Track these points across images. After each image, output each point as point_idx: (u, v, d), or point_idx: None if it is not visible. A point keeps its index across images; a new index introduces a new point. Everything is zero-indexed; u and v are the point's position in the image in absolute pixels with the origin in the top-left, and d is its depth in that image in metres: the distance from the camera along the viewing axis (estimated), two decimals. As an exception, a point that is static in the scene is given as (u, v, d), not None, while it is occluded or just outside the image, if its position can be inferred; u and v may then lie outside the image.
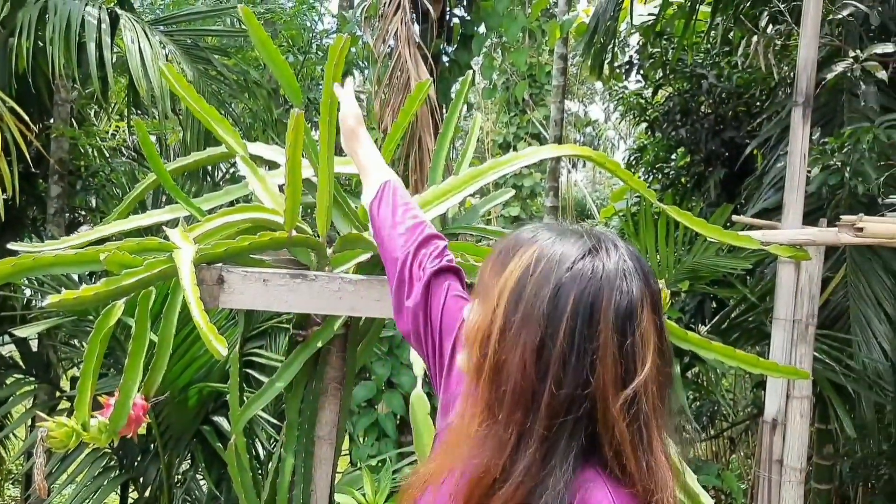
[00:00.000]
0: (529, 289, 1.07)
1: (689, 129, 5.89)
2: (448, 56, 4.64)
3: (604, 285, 1.05)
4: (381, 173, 1.75)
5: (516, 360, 1.06)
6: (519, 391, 1.06)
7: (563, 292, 1.05)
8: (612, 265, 1.07)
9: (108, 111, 6.20)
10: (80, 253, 1.93)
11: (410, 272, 1.51)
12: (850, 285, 4.37)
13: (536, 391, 1.05)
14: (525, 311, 1.06)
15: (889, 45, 3.98)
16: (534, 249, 1.11)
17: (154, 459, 3.64)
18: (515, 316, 1.07)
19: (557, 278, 1.06)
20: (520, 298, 1.07)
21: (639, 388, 1.04)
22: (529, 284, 1.07)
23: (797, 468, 3.51)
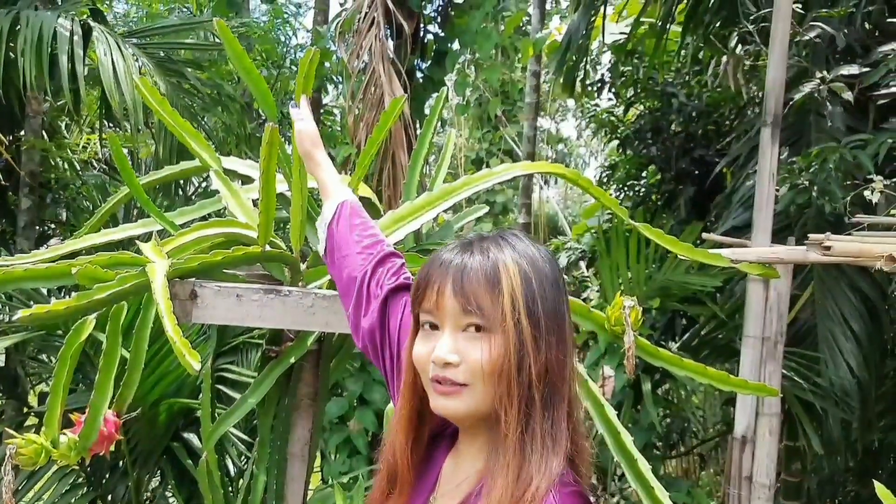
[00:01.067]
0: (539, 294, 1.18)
1: (660, 147, 5.95)
2: (422, 72, 4.66)
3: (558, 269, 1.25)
4: (338, 195, 1.75)
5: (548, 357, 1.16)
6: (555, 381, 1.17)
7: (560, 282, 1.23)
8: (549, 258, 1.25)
9: (79, 124, 6.15)
10: (51, 267, 1.92)
11: (368, 290, 1.54)
12: (817, 303, 4.42)
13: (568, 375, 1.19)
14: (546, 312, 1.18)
15: (855, 66, 4.05)
16: (513, 260, 1.20)
17: (123, 477, 3.58)
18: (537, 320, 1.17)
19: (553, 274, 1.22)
20: (534, 305, 1.17)
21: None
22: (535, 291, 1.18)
23: (766, 485, 3.55)
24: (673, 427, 6.58)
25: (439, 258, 1.23)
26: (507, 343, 1.15)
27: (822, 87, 4.05)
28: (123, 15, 7.74)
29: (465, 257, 1.20)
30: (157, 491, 3.74)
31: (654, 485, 1.75)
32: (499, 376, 1.15)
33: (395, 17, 4.33)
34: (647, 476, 1.77)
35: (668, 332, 5.60)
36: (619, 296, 2.09)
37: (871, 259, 2.15)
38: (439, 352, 1.18)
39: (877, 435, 4.79)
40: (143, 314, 2.27)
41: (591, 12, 5.75)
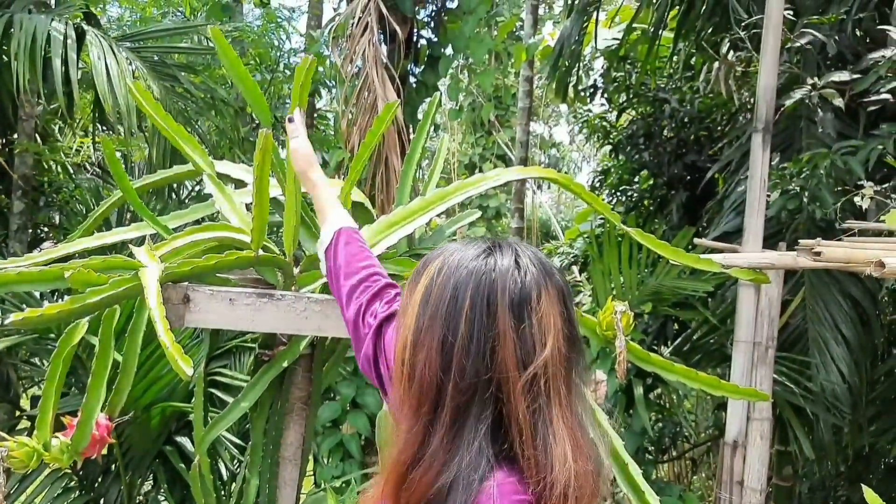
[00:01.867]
0: (434, 294, 1.18)
1: (652, 153, 5.97)
2: (415, 77, 4.67)
3: (497, 277, 1.16)
4: (335, 218, 1.76)
5: (423, 359, 1.15)
6: (426, 386, 1.15)
7: (462, 289, 1.16)
8: (507, 261, 1.19)
9: (72, 127, 6.14)
10: (44, 270, 1.92)
11: (364, 323, 1.55)
12: (808, 309, 4.44)
13: (442, 384, 1.14)
14: (430, 314, 1.17)
15: (845, 73, 4.07)
16: (438, 261, 1.22)
17: (115, 480, 3.58)
18: (423, 321, 1.17)
19: (456, 279, 1.17)
20: (426, 305, 1.18)
21: (538, 369, 1.13)
22: (434, 290, 1.18)
23: (757, 489, 3.56)
24: (665, 431, 6.60)
25: None
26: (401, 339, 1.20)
27: (812, 93, 4.07)
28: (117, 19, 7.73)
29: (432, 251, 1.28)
30: (150, 495, 3.73)
31: (645, 489, 1.76)
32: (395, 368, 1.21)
33: (388, 22, 4.34)
34: (639, 481, 1.78)
35: (660, 337, 5.62)
36: (610, 301, 2.10)
37: (860, 265, 2.16)
38: None
39: (867, 440, 4.80)
40: (135, 318, 2.27)
41: (583, 18, 5.77)
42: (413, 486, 1.13)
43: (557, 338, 1.16)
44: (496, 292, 1.16)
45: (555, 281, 1.21)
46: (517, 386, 1.12)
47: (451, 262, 1.20)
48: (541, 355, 1.14)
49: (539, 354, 1.14)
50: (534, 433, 1.12)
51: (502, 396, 1.13)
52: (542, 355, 1.14)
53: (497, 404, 1.13)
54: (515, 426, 1.12)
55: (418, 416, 1.16)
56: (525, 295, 1.16)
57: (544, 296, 1.18)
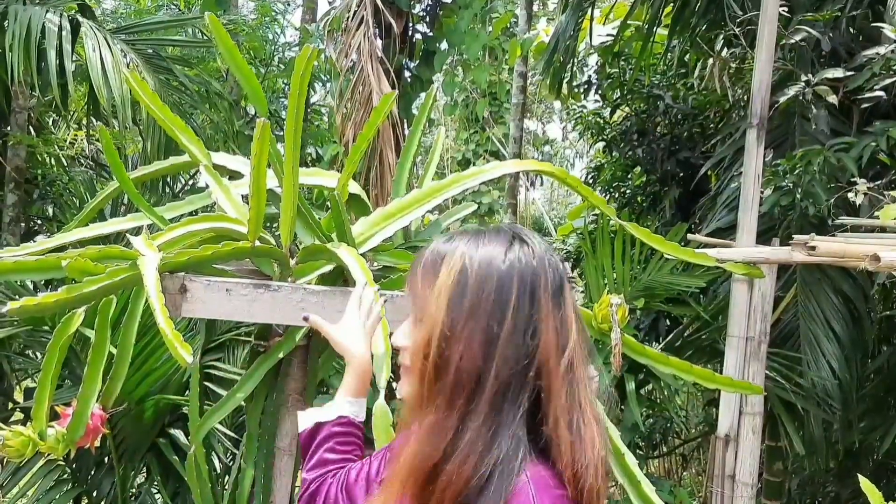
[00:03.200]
0: (472, 287, 1.15)
1: (646, 149, 5.99)
2: (410, 71, 4.68)
3: (537, 266, 1.18)
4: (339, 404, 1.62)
5: (461, 351, 1.13)
6: (464, 378, 1.13)
7: (506, 282, 1.15)
8: (538, 249, 1.20)
9: (66, 119, 6.12)
10: (40, 260, 1.92)
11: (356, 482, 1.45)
12: (800, 305, 4.46)
13: (482, 374, 1.13)
14: (470, 307, 1.14)
15: (839, 70, 4.09)
16: (461, 254, 1.18)
17: (108, 473, 3.58)
18: (460, 314, 1.14)
19: (498, 272, 1.16)
20: (462, 298, 1.15)
21: (572, 353, 1.16)
22: (471, 283, 1.15)
23: (748, 483, 3.58)
24: (656, 427, 6.63)
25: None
26: (425, 332, 1.16)
27: (806, 90, 4.09)
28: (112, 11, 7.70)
29: (437, 243, 1.23)
30: (143, 487, 3.73)
31: (641, 479, 1.77)
32: (416, 361, 1.18)
33: (383, 16, 4.34)
34: (635, 471, 1.79)
35: (651, 333, 5.64)
36: (606, 294, 2.12)
37: (855, 259, 2.18)
38: (393, 338, 1.25)
39: (857, 436, 4.83)
40: (130, 308, 2.28)
41: (578, 14, 5.78)
42: (449, 479, 1.11)
43: (580, 322, 1.20)
44: (539, 281, 1.17)
45: (565, 266, 1.27)
46: (558, 371, 1.14)
47: (483, 255, 1.18)
48: (572, 338, 1.17)
49: (571, 338, 1.17)
50: (570, 418, 1.14)
51: (541, 383, 1.14)
52: (572, 338, 1.17)
53: (535, 391, 1.14)
54: (553, 412, 1.13)
55: (452, 409, 1.14)
56: (560, 281, 1.20)
57: (567, 282, 1.22)
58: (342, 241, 2.07)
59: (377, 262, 2.21)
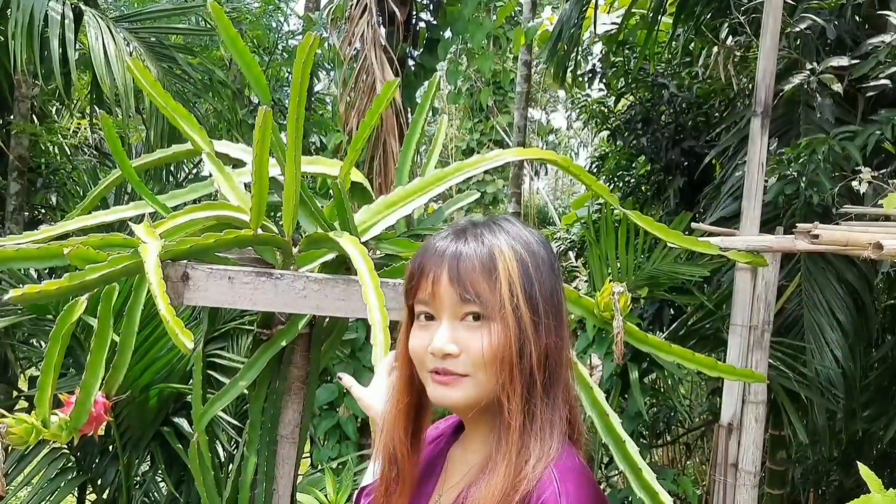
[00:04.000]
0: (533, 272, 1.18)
1: (650, 138, 5.97)
2: (414, 60, 4.66)
3: (552, 256, 1.23)
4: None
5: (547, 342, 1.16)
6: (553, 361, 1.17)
7: (552, 260, 1.22)
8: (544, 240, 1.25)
9: (70, 108, 6.11)
10: (42, 247, 1.92)
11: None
12: (804, 294, 4.45)
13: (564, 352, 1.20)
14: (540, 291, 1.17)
15: (844, 58, 4.07)
16: (506, 244, 1.18)
17: (113, 461, 3.59)
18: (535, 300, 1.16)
19: (540, 253, 1.20)
20: (532, 285, 1.17)
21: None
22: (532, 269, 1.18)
23: (752, 472, 3.58)
24: (659, 416, 6.63)
25: (432, 246, 1.21)
26: (507, 330, 1.13)
27: (811, 78, 4.08)
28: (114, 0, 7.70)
29: (459, 244, 1.18)
30: (148, 475, 3.75)
31: (642, 466, 1.77)
32: (500, 364, 1.13)
33: (387, 4, 4.32)
34: (636, 458, 1.79)
35: (655, 322, 5.63)
36: (608, 282, 2.11)
37: (858, 248, 2.17)
38: (438, 343, 1.16)
39: (861, 425, 4.83)
40: (134, 295, 2.28)
41: (582, 2, 5.75)
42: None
43: None
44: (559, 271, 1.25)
45: None
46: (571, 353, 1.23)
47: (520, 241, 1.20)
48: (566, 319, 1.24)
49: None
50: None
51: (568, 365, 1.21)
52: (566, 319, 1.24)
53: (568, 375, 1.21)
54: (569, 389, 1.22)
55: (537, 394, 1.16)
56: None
57: None
58: (344, 229, 2.06)
59: (379, 250, 2.21)
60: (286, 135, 1.93)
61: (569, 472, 1.12)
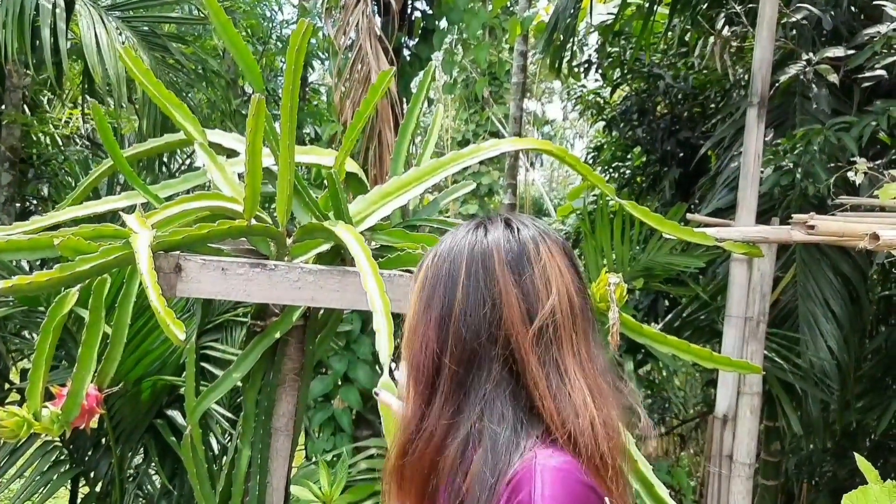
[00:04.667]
0: (429, 278, 1.19)
1: (646, 129, 5.96)
2: (409, 50, 4.63)
3: (491, 242, 1.17)
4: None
5: (421, 341, 1.16)
6: (425, 366, 1.15)
7: (456, 263, 1.17)
8: (499, 227, 1.19)
9: (61, 98, 6.07)
10: (33, 238, 1.90)
11: None
12: (799, 285, 4.45)
13: (440, 357, 1.14)
14: (427, 297, 1.18)
15: (840, 49, 4.06)
16: (430, 254, 1.22)
17: (106, 453, 3.57)
18: (421, 306, 1.18)
19: (448, 258, 1.18)
20: (423, 291, 1.19)
21: (545, 318, 1.12)
22: (429, 275, 1.19)
23: (746, 463, 3.58)
24: (654, 407, 6.64)
25: None
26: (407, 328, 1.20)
27: (807, 69, 4.06)
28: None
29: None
30: (141, 467, 3.73)
31: (638, 457, 1.76)
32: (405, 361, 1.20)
33: (382, -6, 4.30)
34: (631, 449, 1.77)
35: (650, 314, 5.64)
36: (604, 272, 2.10)
37: (854, 238, 2.16)
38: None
39: (855, 416, 4.84)
40: (126, 287, 2.26)
41: (578, -7, 5.73)
42: (418, 458, 1.14)
43: (565, 284, 1.16)
44: (491, 254, 1.16)
45: (553, 236, 1.21)
46: (525, 340, 1.12)
47: (444, 248, 1.20)
48: (546, 304, 1.13)
49: (544, 303, 1.13)
50: (549, 385, 1.11)
51: (511, 354, 1.12)
52: (548, 303, 1.13)
53: (507, 364, 1.12)
54: (531, 382, 1.11)
55: (420, 396, 1.16)
56: (522, 248, 1.16)
57: (543, 247, 1.18)
58: (339, 219, 2.04)
59: (375, 241, 2.19)
60: (279, 124, 1.91)
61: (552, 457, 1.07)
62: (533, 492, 1.02)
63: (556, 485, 1.03)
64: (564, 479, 1.04)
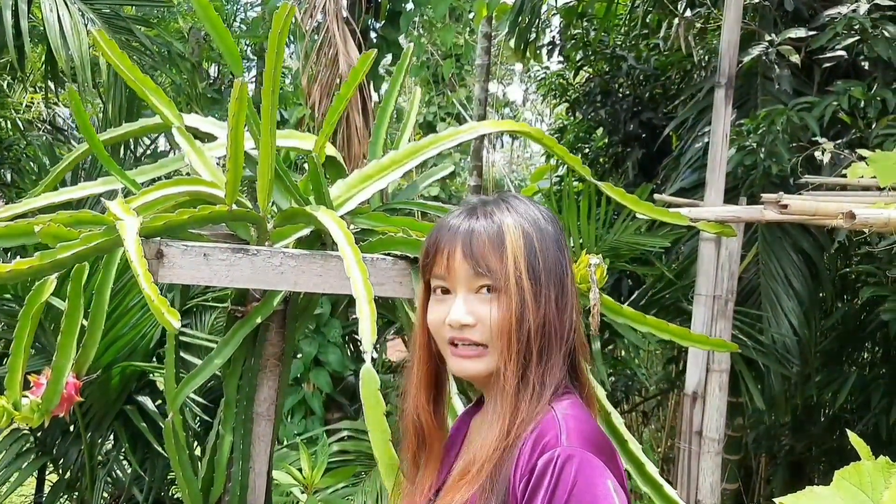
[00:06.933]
0: (539, 248, 1.25)
1: (609, 111, 6.00)
2: (376, 32, 4.61)
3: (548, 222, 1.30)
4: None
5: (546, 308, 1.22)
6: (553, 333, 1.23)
7: (559, 236, 1.29)
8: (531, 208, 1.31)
9: (23, 82, 5.92)
10: (10, 225, 1.86)
11: None
12: (761, 263, 4.53)
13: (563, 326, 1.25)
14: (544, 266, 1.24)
15: (802, 30, 4.12)
16: (515, 222, 1.26)
17: (75, 440, 3.54)
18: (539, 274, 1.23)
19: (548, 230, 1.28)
20: (536, 260, 1.24)
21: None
22: (537, 245, 1.25)
23: (715, 439, 3.65)
24: (618, 385, 6.72)
25: (446, 224, 1.30)
26: (510, 301, 1.21)
27: (770, 50, 4.12)
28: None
29: (471, 222, 1.26)
30: (111, 454, 3.69)
31: (629, 438, 1.80)
32: (503, 333, 1.21)
33: (348, -25, 4.26)
34: (621, 430, 1.81)
35: (614, 294, 5.68)
36: (584, 254, 2.12)
37: (828, 217, 2.21)
38: (455, 315, 1.24)
39: (814, 391, 4.96)
40: (103, 273, 2.24)
41: (542, -27, 5.74)
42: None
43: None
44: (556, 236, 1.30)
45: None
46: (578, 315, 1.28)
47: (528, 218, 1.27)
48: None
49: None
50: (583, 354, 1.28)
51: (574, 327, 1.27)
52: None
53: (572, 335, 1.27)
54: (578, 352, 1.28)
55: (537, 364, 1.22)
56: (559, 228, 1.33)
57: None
58: (320, 203, 2.04)
59: (355, 224, 2.19)
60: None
61: (570, 408, 1.20)
62: (559, 434, 1.13)
63: (576, 427, 1.15)
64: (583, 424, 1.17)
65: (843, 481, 0.97)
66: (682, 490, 3.73)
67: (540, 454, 1.11)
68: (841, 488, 0.96)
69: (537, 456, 1.12)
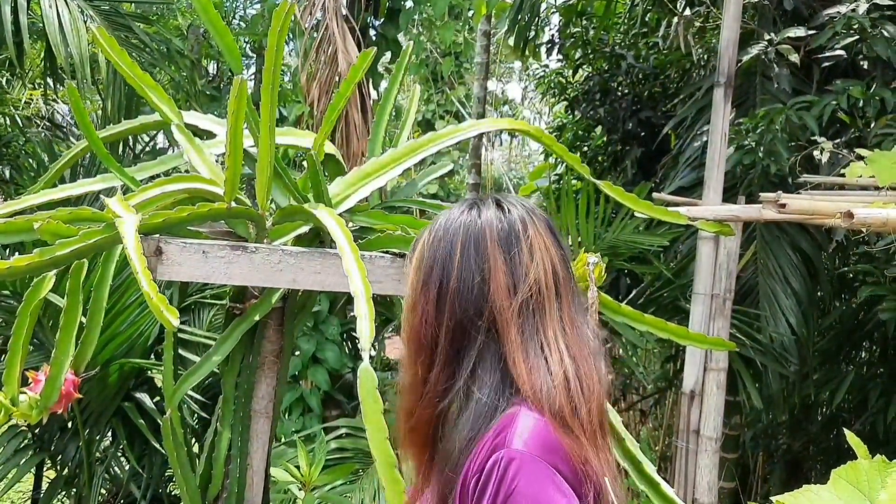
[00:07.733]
0: (426, 256, 1.27)
1: (608, 109, 6.00)
2: (375, 30, 4.61)
3: (483, 221, 1.26)
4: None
5: (420, 315, 1.25)
6: (424, 339, 1.25)
7: (453, 241, 1.25)
8: (491, 208, 1.29)
9: (22, 78, 5.91)
10: (9, 222, 1.86)
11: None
12: (759, 262, 4.53)
13: (437, 331, 1.24)
14: (425, 274, 1.26)
15: (801, 29, 4.12)
16: (426, 231, 1.31)
17: (73, 437, 3.54)
18: (419, 284, 1.27)
19: (445, 236, 1.27)
20: (420, 269, 1.27)
21: (531, 288, 1.22)
22: (426, 253, 1.27)
23: (713, 437, 3.66)
24: (615, 383, 6.72)
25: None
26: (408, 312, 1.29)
27: (769, 49, 4.12)
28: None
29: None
30: (109, 451, 3.69)
31: (626, 436, 1.80)
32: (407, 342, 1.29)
33: (347, -27, 4.26)
34: (618, 427, 1.81)
35: (612, 292, 5.69)
36: (583, 252, 2.12)
37: (826, 217, 2.22)
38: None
39: (812, 389, 4.96)
40: (101, 270, 2.24)
41: (541, -28, 5.74)
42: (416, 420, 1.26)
43: (549, 256, 1.25)
44: (484, 232, 1.25)
45: (539, 215, 1.31)
46: (507, 312, 1.21)
47: (439, 228, 1.29)
48: (530, 275, 1.22)
49: (529, 277, 1.22)
50: (525, 351, 1.20)
51: (495, 325, 1.21)
52: (531, 274, 1.22)
53: (491, 334, 1.22)
54: (508, 349, 1.20)
55: (418, 365, 1.26)
56: (511, 226, 1.25)
57: (530, 226, 1.26)
58: (319, 201, 2.04)
59: (353, 222, 2.19)
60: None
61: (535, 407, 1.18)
62: (509, 434, 1.13)
63: (530, 430, 1.13)
64: (538, 427, 1.14)
65: (840, 480, 0.97)
66: (679, 488, 3.73)
67: (490, 453, 1.13)
68: (838, 487, 0.96)
69: (487, 455, 1.13)
